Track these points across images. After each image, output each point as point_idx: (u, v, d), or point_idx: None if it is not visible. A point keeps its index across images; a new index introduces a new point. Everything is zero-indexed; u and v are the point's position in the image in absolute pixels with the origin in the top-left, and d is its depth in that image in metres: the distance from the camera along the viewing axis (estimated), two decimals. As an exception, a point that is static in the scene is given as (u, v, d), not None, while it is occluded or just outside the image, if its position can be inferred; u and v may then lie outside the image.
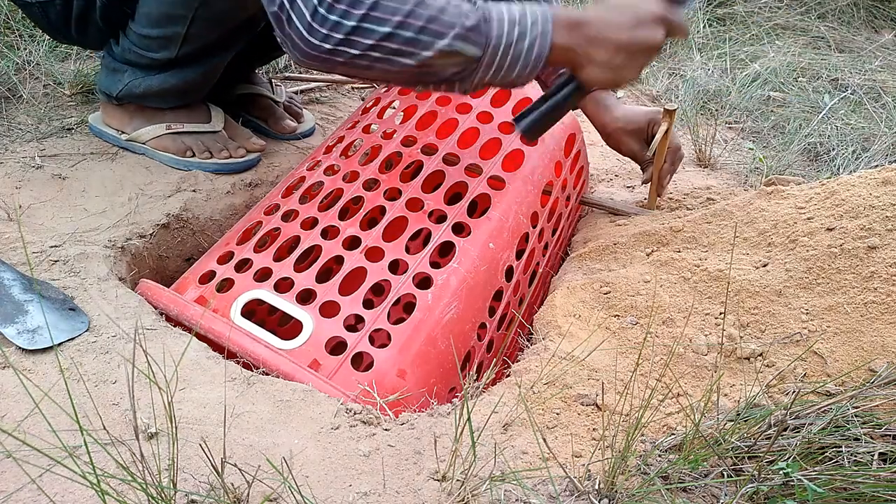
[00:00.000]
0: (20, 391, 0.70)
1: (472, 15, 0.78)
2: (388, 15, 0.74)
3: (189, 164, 1.17)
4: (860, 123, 1.67)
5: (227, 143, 1.21)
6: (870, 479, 0.57)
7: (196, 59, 1.12)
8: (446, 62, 0.78)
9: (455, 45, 0.77)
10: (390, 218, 0.94)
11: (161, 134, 1.17)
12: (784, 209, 0.94)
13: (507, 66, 0.81)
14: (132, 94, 1.14)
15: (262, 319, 1.01)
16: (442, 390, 0.86)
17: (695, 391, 0.77)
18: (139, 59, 1.11)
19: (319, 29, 0.74)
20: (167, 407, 0.56)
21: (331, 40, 0.74)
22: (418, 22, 0.75)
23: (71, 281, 0.88)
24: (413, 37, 0.75)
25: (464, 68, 0.80)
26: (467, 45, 0.77)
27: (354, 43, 0.75)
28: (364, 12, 0.74)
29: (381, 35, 0.75)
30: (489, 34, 0.79)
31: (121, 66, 1.14)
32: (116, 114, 1.19)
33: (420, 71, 0.78)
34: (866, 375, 0.72)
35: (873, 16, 2.56)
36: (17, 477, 0.60)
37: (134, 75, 1.13)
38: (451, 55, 0.77)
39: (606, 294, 0.92)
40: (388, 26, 0.75)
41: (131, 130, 1.18)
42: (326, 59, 0.76)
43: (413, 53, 0.76)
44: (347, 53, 0.76)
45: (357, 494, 0.62)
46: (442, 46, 0.76)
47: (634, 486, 0.61)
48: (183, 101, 1.18)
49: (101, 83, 1.17)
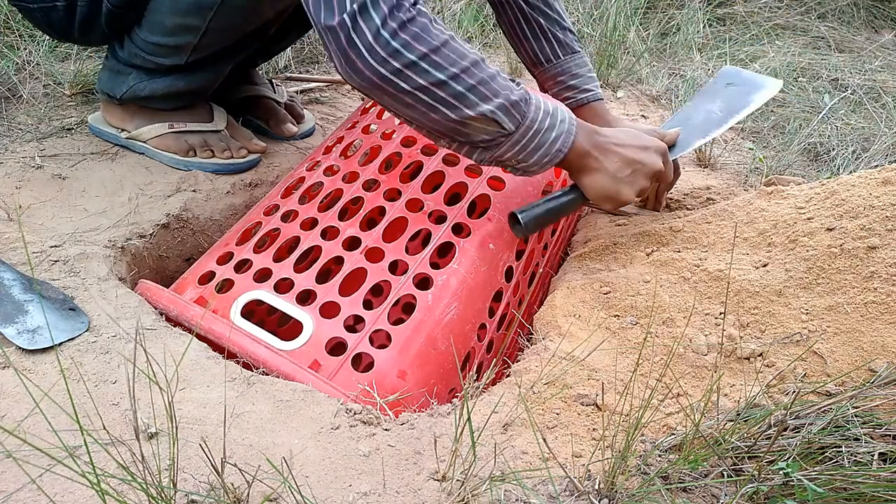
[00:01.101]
0: (20, 391, 0.70)
1: (517, 91, 0.82)
2: (448, 64, 0.76)
3: (190, 163, 1.17)
4: (860, 123, 1.67)
5: (229, 142, 1.21)
6: (870, 479, 0.57)
7: (205, 66, 1.12)
8: (482, 127, 0.81)
9: (497, 113, 0.80)
10: (390, 218, 0.94)
11: (163, 133, 1.17)
12: (784, 209, 0.94)
13: (530, 149, 0.84)
14: (136, 96, 1.14)
15: (261, 320, 1.01)
16: (442, 390, 0.86)
17: (695, 391, 0.77)
18: (145, 64, 1.11)
19: (380, 52, 0.74)
20: (167, 407, 0.56)
21: (388, 67, 0.75)
22: (471, 80, 0.78)
23: (71, 281, 0.88)
24: (463, 92, 0.77)
25: (493, 138, 0.82)
26: (506, 117, 0.81)
27: (407, 78, 0.76)
28: (426, 51, 0.75)
29: (436, 80, 0.76)
30: (526, 114, 0.82)
31: (125, 68, 1.14)
32: (117, 112, 1.19)
33: (455, 127, 0.80)
34: (866, 375, 0.72)
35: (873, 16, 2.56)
36: (17, 477, 0.60)
37: (138, 78, 1.13)
38: (489, 121, 0.80)
39: (606, 294, 0.92)
40: (445, 74, 0.76)
41: (132, 128, 1.18)
42: (376, 84, 0.76)
43: (457, 108, 0.78)
44: (398, 86, 0.76)
45: (357, 494, 0.62)
46: (485, 110, 0.79)
47: (634, 486, 0.61)
48: (187, 102, 1.18)
49: (103, 84, 1.16)
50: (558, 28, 1.19)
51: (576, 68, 1.21)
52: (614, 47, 1.90)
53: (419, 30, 0.75)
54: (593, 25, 2.01)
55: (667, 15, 2.26)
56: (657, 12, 2.29)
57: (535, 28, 1.18)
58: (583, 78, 1.21)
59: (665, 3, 2.35)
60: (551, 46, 1.19)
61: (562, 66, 1.20)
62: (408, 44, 0.75)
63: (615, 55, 1.90)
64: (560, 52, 1.20)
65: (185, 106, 1.18)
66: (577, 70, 1.21)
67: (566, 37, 1.20)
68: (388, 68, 0.75)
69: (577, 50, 1.22)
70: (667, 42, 2.14)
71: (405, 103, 0.78)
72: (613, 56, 1.89)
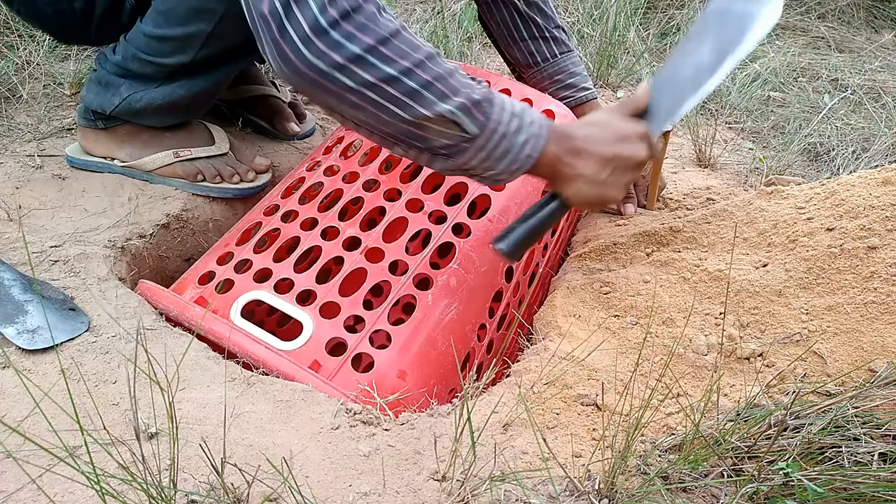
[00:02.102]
0: (20, 391, 0.70)
1: (479, 90, 0.73)
2: (397, 56, 0.67)
3: (200, 188, 1.12)
4: (860, 123, 1.67)
5: (236, 166, 1.15)
6: (870, 479, 0.57)
7: (211, 66, 1.04)
8: (441, 130, 0.71)
9: (457, 114, 0.70)
10: (390, 219, 0.94)
11: (170, 163, 1.10)
12: (784, 209, 0.94)
13: (496, 155, 0.75)
14: (130, 109, 1.05)
15: (261, 320, 1.01)
16: (442, 391, 0.86)
17: (695, 391, 0.77)
18: (142, 69, 1.03)
19: (317, 43, 0.65)
20: (168, 407, 0.56)
21: (327, 60, 0.66)
22: (426, 76, 0.68)
23: (71, 281, 0.88)
24: (416, 89, 0.68)
25: (455, 143, 0.73)
26: (468, 118, 0.71)
27: (352, 73, 0.66)
28: (372, 43, 0.66)
29: (385, 76, 0.67)
30: (490, 115, 0.73)
31: (116, 78, 1.05)
32: (101, 139, 1.09)
33: (410, 129, 0.71)
34: (866, 375, 0.72)
35: (873, 16, 2.56)
36: (18, 477, 0.60)
37: (132, 88, 1.04)
38: (448, 123, 0.71)
39: (606, 294, 0.92)
40: (394, 69, 0.67)
41: (127, 157, 1.10)
42: (315, 81, 0.67)
43: (411, 107, 0.69)
44: (340, 82, 0.67)
45: (357, 494, 0.62)
46: (443, 110, 0.69)
47: (634, 486, 0.61)
48: (184, 117, 1.11)
49: (91, 100, 1.07)
50: (553, 26, 1.17)
51: (572, 66, 1.20)
52: (614, 47, 1.90)
53: (365, 19, 0.66)
54: (593, 25, 2.01)
55: (667, 15, 2.26)
56: (657, 12, 2.29)
57: (531, 27, 1.16)
58: (580, 76, 1.20)
59: (665, 3, 2.35)
60: (548, 45, 1.17)
61: (559, 64, 1.18)
62: (351, 35, 0.65)
63: (615, 55, 1.90)
64: (557, 51, 1.18)
65: (180, 124, 1.11)
66: (573, 68, 1.19)
67: (561, 35, 1.19)
68: (328, 62, 0.65)
69: (572, 48, 1.20)
70: (667, 42, 2.14)
71: (350, 103, 0.69)
72: (613, 56, 1.89)
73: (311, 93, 0.70)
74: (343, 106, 0.70)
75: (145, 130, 1.10)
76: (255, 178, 1.17)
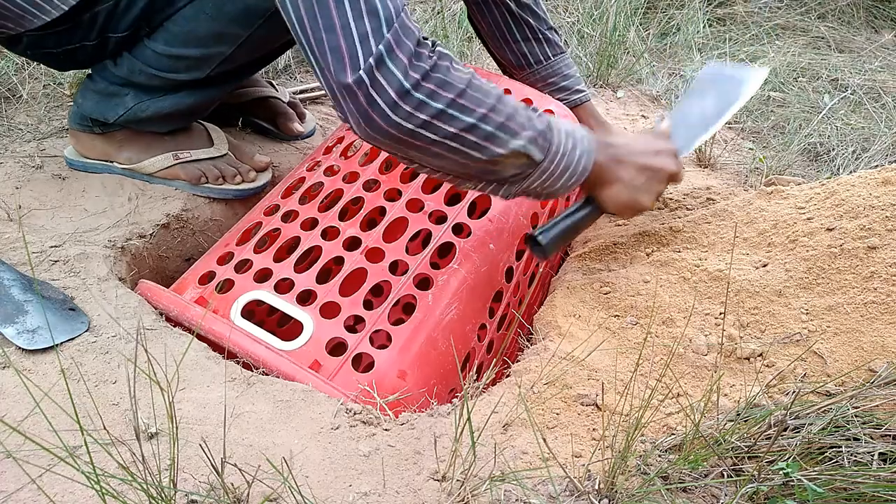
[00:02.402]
0: (20, 391, 0.70)
1: (540, 119, 0.78)
2: (474, 105, 0.71)
3: (202, 190, 1.12)
4: (860, 123, 1.67)
5: (238, 166, 1.15)
6: (870, 479, 0.57)
7: (224, 80, 1.05)
8: (513, 162, 0.76)
9: (527, 146, 0.75)
10: (390, 219, 0.94)
11: (170, 165, 1.09)
12: (784, 209, 0.94)
13: (557, 174, 0.80)
14: (135, 119, 1.04)
15: (261, 320, 1.01)
16: (442, 391, 0.86)
17: (695, 391, 0.77)
18: (149, 81, 1.01)
19: (404, 106, 0.68)
20: (168, 407, 0.56)
21: (414, 120, 0.69)
22: (499, 118, 0.73)
23: (71, 281, 0.88)
24: (492, 132, 0.73)
25: (522, 171, 0.78)
26: (535, 147, 0.76)
27: (436, 128, 0.70)
28: (452, 97, 0.70)
29: (465, 125, 0.71)
30: (552, 140, 0.78)
31: (120, 88, 1.03)
32: (98, 144, 1.08)
33: (486, 167, 0.76)
34: (866, 375, 0.72)
35: (873, 16, 2.56)
36: (18, 477, 0.60)
37: (138, 98, 1.03)
38: (519, 156, 0.76)
39: (606, 294, 0.92)
40: (473, 117, 0.71)
41: (125, 161, 1.09)
42: (401, 139, 0.71)
43: (487, 149, 0.74)
44: (427, 137, 0.71)
45: (357, 494, 0.62)
46: (515, 146, 0.74)
47: (634, 486, 0.61)
48: (188, 122, 1.11)
49: (90, 109, 1.05)
50: (546, 27, 1.16)
51: (566, 69, 1.19)
52: (614, 47, 1.90)
53: (442, 75, 0.70)
54: (593, 25, 2.01)
55: (667, 15, 2.26)
56: (657, 12, 2.29)
57: (524, 28, 1.15)
58: (574, 78, 1.20)
59: (665, 3, 2.35)
60: (541, 47, 1.16)
61: (552, 66, 1.18)
62: (433, 93, 0.69)
63: (615, 55, 1.90)
64: (550, 53, 1.17)
65: (181, 128, 1.10)
66: (567, 70, 1.19)
67: (554, 36, 1.18)
68: (415, 122, 0.69)
69: (564, 50, 1.20)
70: (667, 42, 2.14)
71: (433, 154, 0.73)
72: (613, 56, 1.89)
73: (395, 148, 0.73)
74: (426, 157, 0.74)
75: (144, 135, 1.09)
76: (257, 178, 1.17)
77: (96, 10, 0.94)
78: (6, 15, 0.93)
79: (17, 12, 0.92)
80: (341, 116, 0.71)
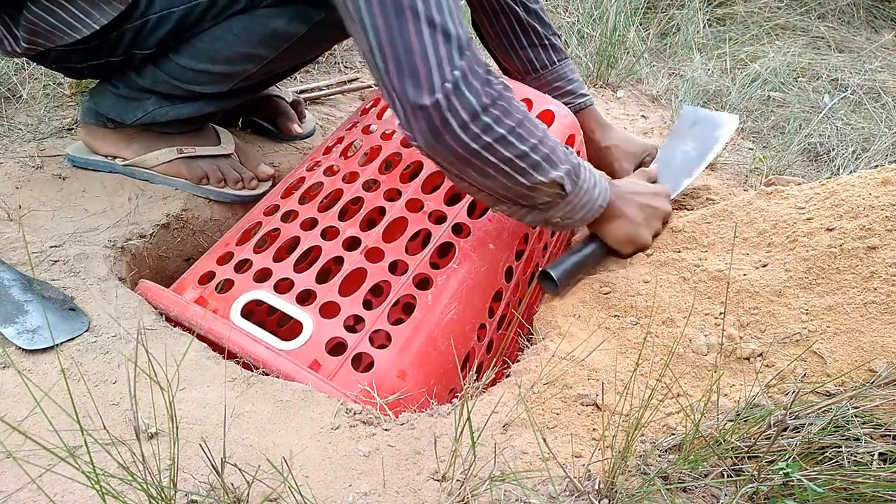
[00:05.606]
0: (20, 391, 0.70)
1: (573, 156, 0.84)
2: (528, 135, 0.77)
3: (202, 190, 1.12)
4: (860, 123, 1.67)
5: (241, 170, 1.16)
6: (870, 479, 0.57)
7: (245, 92, 1.07)
8: (548, 191, 0.82)
9: (564, 177, 0.81)
10: (390, 219, 0.94)
11: (172, 159, 1.10)
12: (784, 209, 0.94)
13: (579, 206, 0.86)
14: (153, 121, 1.07)
15: (261, 320, 1.01)
16: (442, 391, 0.86)
17: (695, 391, 0.77)
18: (171, 90, 1.04)
19: (473, 128, 0.73)
20: (168, 407, 0.56)
21: (480, 141, 0.74)
22: (546, 149, 0.79)
23: (71, 281, 0.88)
24: (539, 161, 0.79)
25: (553, 199, 0.83)
26: (569, 180, 0.82)
27: (495, 150, 0.76)
28: (513, 125, 0.76)
29: (520, 152, 0.77)
30: (580, 175, 0.85)
31: (141, 94, 1.05)
32: (110, 138, 1.10)
33: (524, 192, 0.81)
34: (866, 375, 0.72)
35: (873, 16, 2.56)
36: (18, 477, 0.60)
37: (158, 104, 1.05)
38: (556, 185, 0.82)
39: (606, 294, 0.92)
40: (527, 145, 0.77)
41: (132, 155, 1.10)
42: (463, 157, 0.76)
43: (532, 175, 0.79)
44: (485, 158, 0.76)
45: (357, 494, 0.62)
46: (555, 176, 0.80)
47: (634, 486, 0.61)
48: (199, 126, 1.13)
49: (107, 109, 1.07)
50: (551, 33, 1.18)
51: (570, 73, 1.20)
52: (614, 47, 1.90)
53: (506, 104, 0.75)
54: (593, 25, 2.01)
55: (667, 15, 2.26)
56: (657, 12, 2.29)
57: (530, 34, 1.16)
58: (578, 83, 1.21)
59: (665, 3, 2.35)
60: (546, 52, 1.18)
61: (557, 71, 1.19)
62: (499, 119, 0.75)
63: (615, 55, 1.90)
64: (555, 58, 1.19)
65: (194, 129, 1.13)
66: (571, 75, 1.20)
67: (558, 42, 1.19)
68: (480, 143, 0.75)
69: (567, 55, 1.21)
70: (667, 42, 2.14)
71: (486, 174, 0.78)
72: (613, 56, 1.89)
73: (454, 165, 0.77)
74: (478, 176, 0.79)
75: (156, 131, 1.11)
76: (258, 187, 1.18)
77: (124, 29, 0.96)
78: (38, 32, 0.95)
79: (49, 30, 0.95)
80: (407, 133, 0.75)
